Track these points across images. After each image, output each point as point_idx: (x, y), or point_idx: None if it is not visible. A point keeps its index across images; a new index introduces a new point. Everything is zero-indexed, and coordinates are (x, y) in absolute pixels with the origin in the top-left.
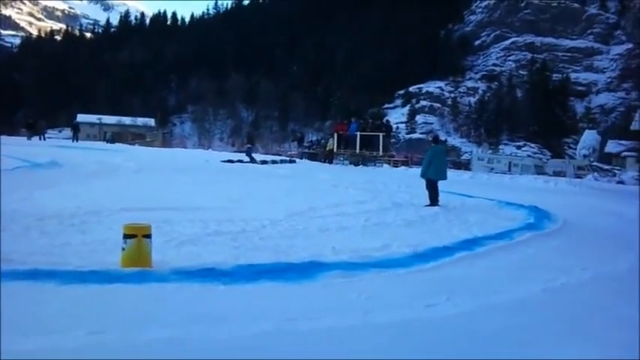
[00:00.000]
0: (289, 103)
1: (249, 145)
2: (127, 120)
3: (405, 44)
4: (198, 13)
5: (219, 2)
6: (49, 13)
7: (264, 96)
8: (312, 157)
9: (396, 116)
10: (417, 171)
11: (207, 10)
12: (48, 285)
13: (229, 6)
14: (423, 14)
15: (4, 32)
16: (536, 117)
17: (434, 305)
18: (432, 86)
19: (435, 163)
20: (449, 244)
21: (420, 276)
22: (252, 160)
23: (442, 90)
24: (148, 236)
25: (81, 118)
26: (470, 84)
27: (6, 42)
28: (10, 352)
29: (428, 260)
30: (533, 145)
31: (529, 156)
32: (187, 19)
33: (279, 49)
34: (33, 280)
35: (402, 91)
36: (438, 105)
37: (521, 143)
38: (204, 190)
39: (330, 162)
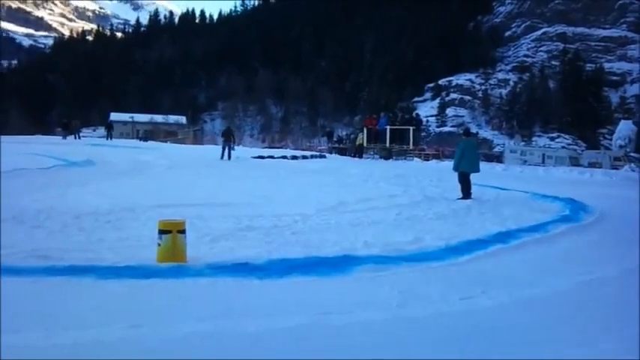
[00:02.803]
0: (318, 99)
1: (226, 142)
2: (158, 118)
3: (434, 37)
4: (226, 10)
5: None
6: (80, 14)
7: (292, 92)
8: (342, 152)
9: (426, 110)
10: (448, 164)
11: (235, 7)
12: (85, 280)
13: (256, 3)
14: (451, 6)
15: (37, 33)
16: (569, 108)
17: (469, 298)
18: (461, 79)
19: (467, 155)
20: (483, 237)
21: (453, 269)
22: (223, 157)
23: (472, 82)
24: (183, 232)
25: (114, 116)
26: (501, 76)
27: (39, 43)
28: (51, 347)
29: (461, 253)
30: (567, 136)
31: (563, 147)
32: (215, 17)
33: (306, 44)
34: (71, 275)
35: (431, 85)
36: (469, 97)
37: (554, 135)
38: (235, 186)
39: (360, 156)
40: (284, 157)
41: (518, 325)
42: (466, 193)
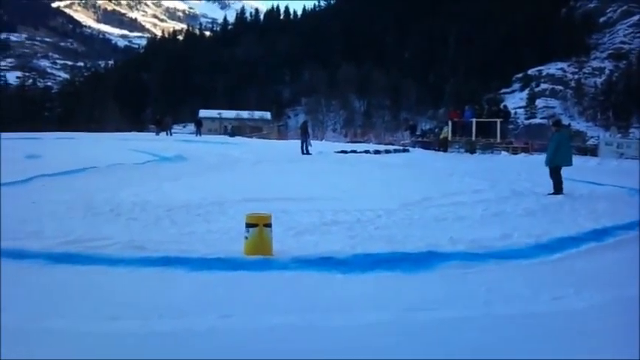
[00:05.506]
0: (401, 92)
1: (303, 136)
2: (244, 114)
3: (523, 24)
4: (310, 5)
5: None
6: (171, 14)
7: (375, 85)
8: (426, 146)
9: (514, 101)
10: (537, 158)
11: (319, 2)
12: (179, 271)
13: None
14: None
15: (131, 34)
16: None
17: (560, 298)
18: (553, 68)
19: (560, 148)
20: (575, 235)
21: (544, 267)
22: (305, 152)
23: (564, 71)
24: (269, 225)
25: (203, 113)
26: (595, 64)
27: (133, 43)
28: (149, 334)
29: (553, 251)
30: None
31: None
32: (299, 13)
33: (390, 37)
34: (165, 266)
35: (520, 75)
36: (560, 87)
37: None
38: (319, 181)
39: (445, 150)
40: (367, 151)
41: (611, 327)
42: (558, 188)
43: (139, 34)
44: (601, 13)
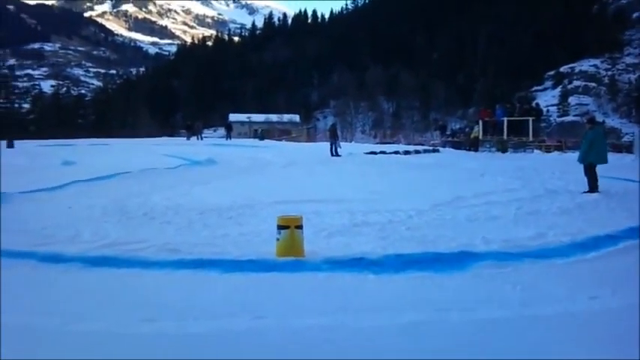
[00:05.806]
0: (430, 92)
1: (332, 138)
2: (273, 117)
3: (554, 22)
4: (337, 8)
5: None
6: (201, 21)
7: (404, 87)
8: (456, 146)
9: (546, 99)
10: (571, 156)
11: (346, 5)
12: (212, 273)
13: None
14: None
15: (161, 41)
16: None
17: (597, 298)
18: (585, 65)
19: (594, 146)
20: (612, 233)
21: (580, 267)
22: (335, 154)
23: (597, 68)
24: (300, 227)
25: (232, 117)
26: (629, 60)
27: (164, 50)
28: (184, 336)
29: (589, 250)
30: None
31: None
32: (327, 16)
33: (418, 38)
34: (199, 268)
35: (552, 72)
36: (594, 84)
37: None
38: (349, 182)
39: (476, 150)
40: (396, 152)
41: None
42: (593, 186)
43: (170, 41)
44: (634, 8)
